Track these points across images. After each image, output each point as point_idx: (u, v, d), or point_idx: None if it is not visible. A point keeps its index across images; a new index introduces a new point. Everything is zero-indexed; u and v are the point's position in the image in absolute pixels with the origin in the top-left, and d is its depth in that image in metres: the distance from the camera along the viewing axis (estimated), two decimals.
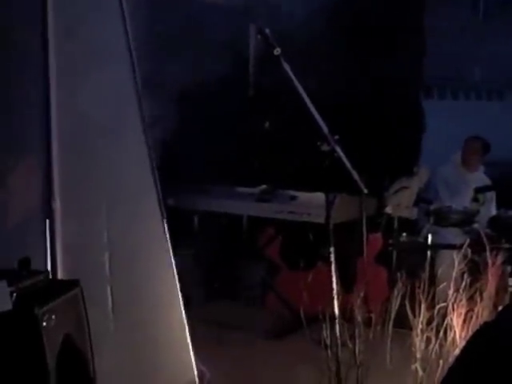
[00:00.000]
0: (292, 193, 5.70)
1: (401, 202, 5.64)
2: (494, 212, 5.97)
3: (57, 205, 3.23)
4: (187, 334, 3.77)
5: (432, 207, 5.66)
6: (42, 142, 3.18)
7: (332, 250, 3.85)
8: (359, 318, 3.78)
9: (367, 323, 3.91)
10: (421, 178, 5.85)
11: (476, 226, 5.44)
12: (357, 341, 3.75)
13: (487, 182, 6.16)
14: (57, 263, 3.24)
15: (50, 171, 3.21)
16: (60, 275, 3.25)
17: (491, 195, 6.05)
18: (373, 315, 3.86)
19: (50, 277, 3.04)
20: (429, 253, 5.46)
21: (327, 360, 3.75)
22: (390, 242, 5.63)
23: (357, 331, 3.80)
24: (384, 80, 6.65)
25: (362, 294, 3.93)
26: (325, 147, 3.76)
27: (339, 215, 4.84)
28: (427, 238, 5.58)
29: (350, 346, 3.78)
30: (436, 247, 5.53)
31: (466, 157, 6.23)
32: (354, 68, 6.40)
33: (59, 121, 3.22)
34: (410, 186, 5.73)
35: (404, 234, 5.71)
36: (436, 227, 5.63)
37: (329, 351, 3.77)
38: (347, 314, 3.93)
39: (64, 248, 3.27)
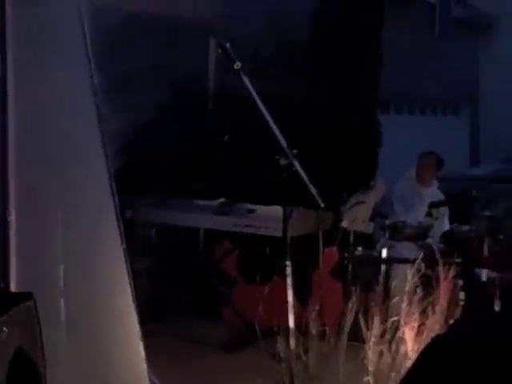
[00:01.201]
0: (250, 206, 5.73)
1: (357, 217, 5.71)
2: (447, 227, 6.08)
3: (12, 217, 3.19)
4: (141, 346, 3.75)
5: (387, 222, 5.73)
6: None
7: (288, 263, 3.89)
8: (314, 332, 3.82)
9: (322, 336, 3.95)
10: (377, 192, 5.93)
11: (430, 240, 5.52)
12: (310, 354, 3.79)
13: (441, 196, 6.27)
14: (10, 276, 3.20)
15: (6, 184, 3.17)
16: (13, 288, 3.21)
17: (444, 210, 6.16)
18: (327, 328, 3.90)
19: (3, 289, 3.01)
20: (383, 267, 5.53)
21: (281, 373, 3.77)
22: (346, 255, 5.68)
23: (310, 344, 3.84)
24: (340, 95, 6.74)
25: (316, 308, 3.97)
26: (283, 161, 3.80)
27: (296, 229, 4.88)
28: (382, 252, 5.65)
29: (304, 358, 3.81)
30: (390, 261, 5.60)
31: (421, 172, 6.32)
32: (311, 83, 6.48)
33: (16, 133, 3.20)
34: (366, 201, 5.80)
35: (359, 248, 5.77)
36: (391, 241, 5.70)
37: (283, 364, 3.80)
38: (302, 328, 3.96)
39: (18, 260, 3.24)
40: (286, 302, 3.97)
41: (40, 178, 3.30)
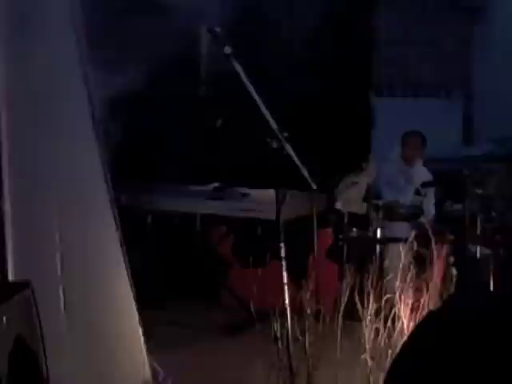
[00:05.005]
0: (244, 190, 5.75)
1: (350, 198, 5.74)
2: (432, 205, 6.08)
3: (7, 206, 3.21)
4: (140, 333, 3.79)
5: (381, 202, 5.76)
6: None
7: (282, 245, 3.92)
8: (309, 311, 3.86)
9: (318, 317, 3.99)
10: (369, 173, 5.94)
11: (422, 219, 5.56)
12: (306, 334, 3.83)
13: (429, 175, 6.24)
14: (7, 265, 3.23)
15: (0, 173, 3.19)
16: (11, 277, 3.24)
17: (430, 189, 6.14)
18: (323, 308, 3.95)
19: (0, 279, 3.03)
20: (378, 247, 5.57)
21: (278, 353, 3.81)
22: (341, 236, 5.72)
23: (307, 324, 3.88)
24: (333, 77, 6.76)
25: (312, 288, 4.01)
26: (274, 144, 3.82)
27: (290, 212, 4.91)
28: (376, 232, 5.69)
29: (301, 338, 3.85)
30: (384, 241, 5.64)
31: (407, 152, 6.25)
32: (304, 65, 6.50)
33: (8, 121, 3.21)
34: (359, 182, 5.82)
35: (354, 229, 5.80)
36: (385, 222, 5.74)
37: (279, 345, 3.84)
38: (298, 309, 4.00)
39: (15, 249, 3.26)
40: (286, 284, 4.02)
41: (33, 167, 3.32)
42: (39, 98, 3.30)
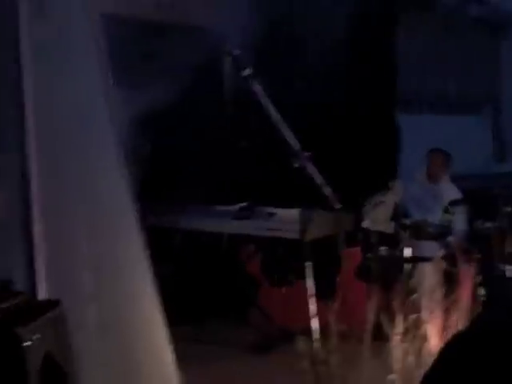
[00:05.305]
0: (270, 209, 5.77)
1: (377, 217, 5.73)
2: (464, 223, 6.01)
3: (37, 227, 3.28)
4: (169, 348, 3.81)
5: (408, 221, 5.74)
6: (21, 167, 3.25)
7: (308, 264, 3.93)
8: (337, 331, 3.86)
9: (346, 336, 3.99)
10: (396, 192, 5.92)
11: (451, 238, 5.52)
12: (334, 354, 3.82)
13: (457, 192, 6.17)
14: (37, 284, 3.29)
15: (30, 195, 3.26)
16: (43, 296, 3.29)
17: (461, 207, 6.06)
18: (351, 328, 3.94)
19: (31, 297, 3.09)
20: (406, 266, 5.54)
21: (306, 373, 3.82)
22: (368, 255, 5.71)
23: (335, 344, 3.88)
24: (360, 95, 6.77)
25: (340, 308, 4.01)
26: (296, 163, 3.85)
27: (316, 231, 4.92)
28: (404, 251, 5.66)
29: (328, 358, 3.85)
30: (413, 260, 5.61)
31: (431, 170, 6.21)
32: (331, 85, 6.52)
33: (35, 144, 3.29)
34: (386, 201, 5.81)
35: (382, 248, 5.78)
36: (413, 241, 5.71)
37: (308, 364, 3.84)
38: (326, 328, 4.00)
39: (46, 269, 3.32)
40: (313, 303, 4.03)
41: (63, 188, 3.39)
42: (66, 121, 3.37)
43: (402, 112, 8.29)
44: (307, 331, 3.90)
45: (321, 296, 4.32)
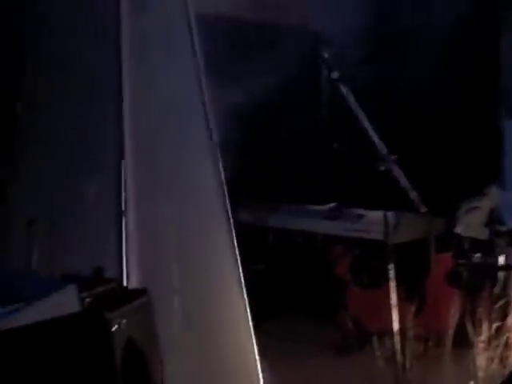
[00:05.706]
0: (359, 211, 5.76)
1: (471, 223, 5.60)
2: None
3: (130, 218, 3.43)
4: (254, 342, 3.89)
5: (504, 228, 5.58)
6: (116, 160, 3.41)
7: (391, 267, 3.92)
8: (413, 334, 3.83)
9: (436, 342, 3.95)
10: (492, 198, 5.77)
11: None
12: (418, 358, 3.80)
13: None
14: (129, 273, 3.44)
15: (123, 187, 3.41)
16: (132, 284, 3.44)
17: None
18: (433, 333, 3.90)
19: (120, 285, 3.24)
20: (500, 274, 5.40)
21: (388, 376, 3.81)
22: (461, 262, 5.59)
23: (419, 348, 3.85)
24: (459, 99, 6.64)
25: (426, 312, 3.98)
26: (382, 167, 3.85)
27: (404, 234, 4.88)
28: (499, 259, 5.52)
29: (411, 363, 3.83)
30: (507, 268, 5.46)
31: None
32: (430, 87, 6.43)
33: (131, 137, 3.44)
34: (481, 206, 5.67)
35: (477, 255, 5.65)
36: (508, 248, 5.55)
37: (390, 368, 3.84)
38: (416, 333, 3.98)
39: (138, 260, 3.47)
40: (396, 306, 4.01)
41: (154, 181, 3.52)
42: (162, 115, 3.51)
43: (506, 115, 8.03)
44: (391, 334, 3.87)
45: (408, 299, 4.28)
